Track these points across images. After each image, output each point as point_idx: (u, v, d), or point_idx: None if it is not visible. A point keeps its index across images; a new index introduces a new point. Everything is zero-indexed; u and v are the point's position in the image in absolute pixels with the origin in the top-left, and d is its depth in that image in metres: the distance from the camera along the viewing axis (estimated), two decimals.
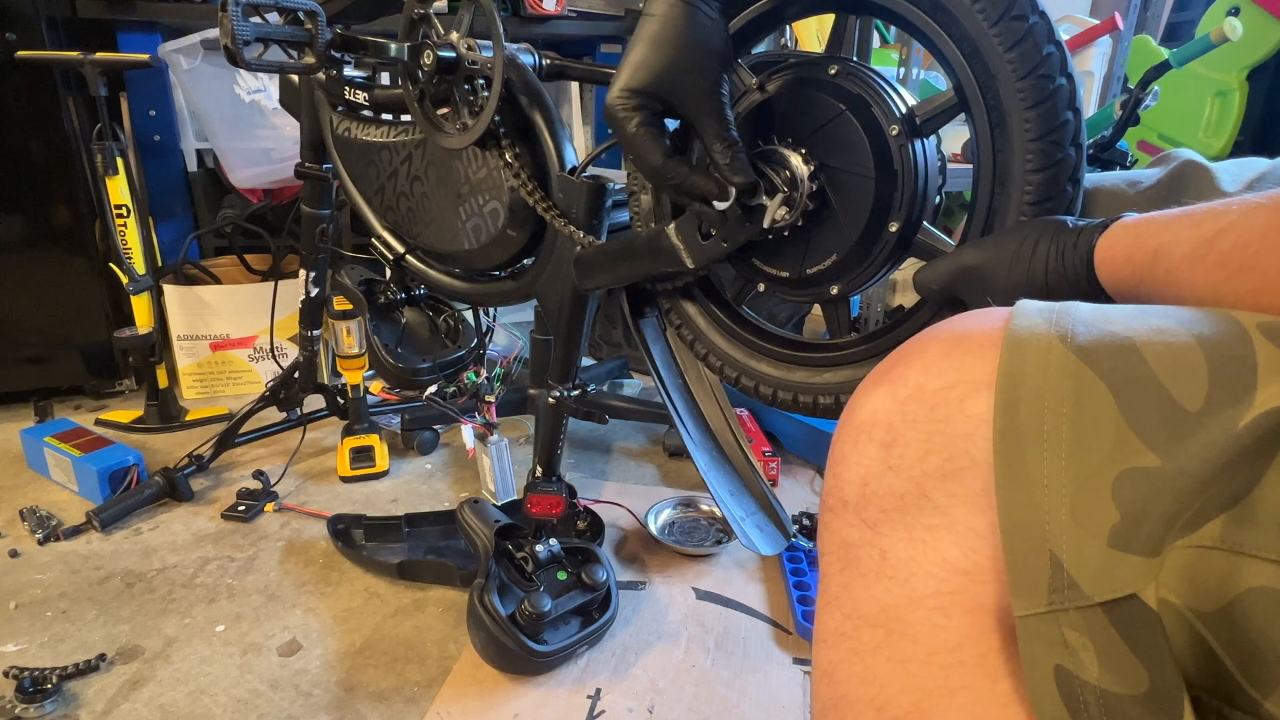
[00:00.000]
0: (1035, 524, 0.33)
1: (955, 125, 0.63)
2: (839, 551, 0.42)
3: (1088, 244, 0.47)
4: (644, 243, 0.77)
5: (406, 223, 1.05)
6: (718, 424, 0.93)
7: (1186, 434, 0.31)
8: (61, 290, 1.68)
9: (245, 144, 1.74)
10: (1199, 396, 0.32)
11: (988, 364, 0.36)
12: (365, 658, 1.02)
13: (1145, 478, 0.32)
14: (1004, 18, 0.54)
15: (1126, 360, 0.34)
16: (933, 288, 0.59)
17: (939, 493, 0.37)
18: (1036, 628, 0.33)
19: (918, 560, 0.38)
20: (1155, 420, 0.32)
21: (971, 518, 0.36)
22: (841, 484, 0.41)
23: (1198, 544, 0.29)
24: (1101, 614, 0.32)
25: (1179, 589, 0.30)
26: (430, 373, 1.21)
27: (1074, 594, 0.32)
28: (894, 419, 0.39)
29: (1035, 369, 0.35)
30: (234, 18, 0.80)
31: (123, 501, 1.32)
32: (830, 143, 0.64)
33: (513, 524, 1.09)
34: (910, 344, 0.41)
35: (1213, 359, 0.32)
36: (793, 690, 0.98)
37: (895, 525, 0.39)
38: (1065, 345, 0.35)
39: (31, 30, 1.52)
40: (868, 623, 0.39)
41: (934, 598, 0.37)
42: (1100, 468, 0.32)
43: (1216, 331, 0.33)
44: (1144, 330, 0.35)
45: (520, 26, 1.95)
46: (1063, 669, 0.33)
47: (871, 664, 0.39)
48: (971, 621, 0.36)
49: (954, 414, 0.37)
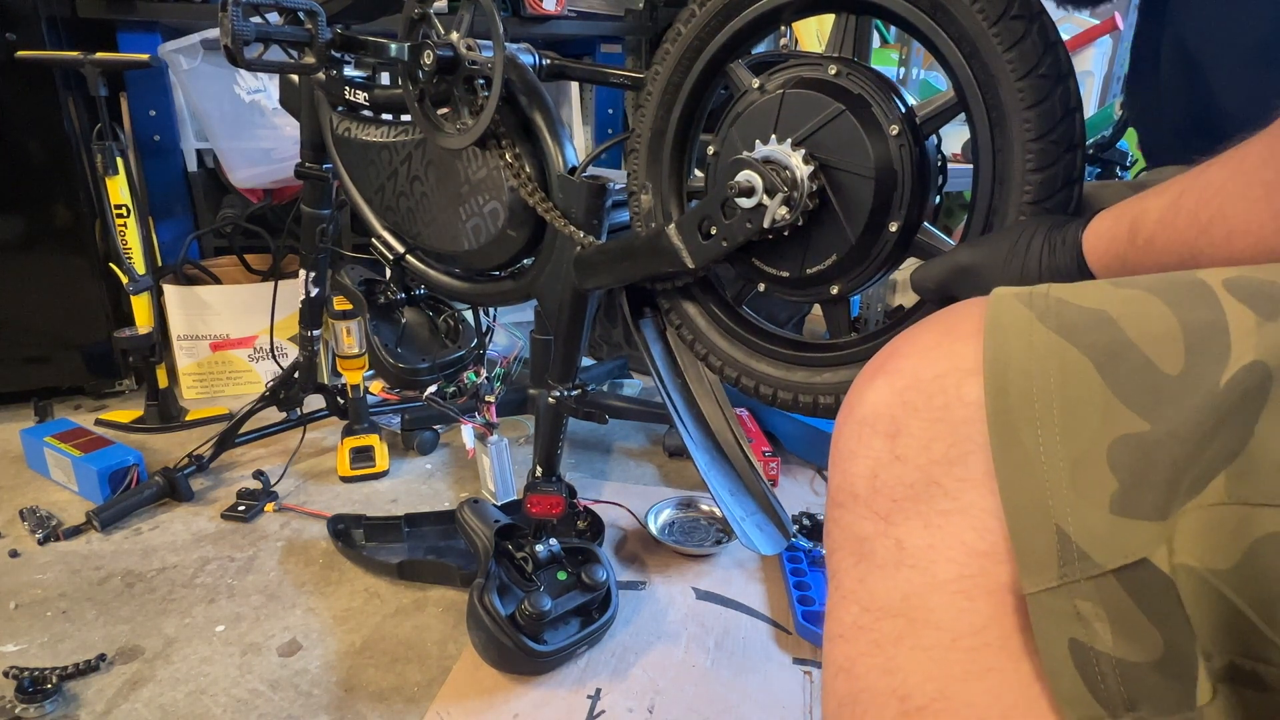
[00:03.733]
0: (1038, 501, 0.34)
1: (955, 125, 0.63)
2: (852, 545, 0.42)
3: (1075, 235, 0.48)
4: (644, 243, 0.77)
5: (406, 223, 1.05)
6: (718, 424, 0.93)
7: (1172, 397, 0.32)
8: (61, 290, 1.68)
9: (245, 144, 1.74)
10: (1178, 360, 0.32)
11: (974, 350, 0.38)
12: (365, 658, 1.02)
13: (1138, 443, 0.32)
14: (1003, 17, 0.55)
15: (1105, 332, 0.35)
16: (929, 287, 0.59)
17: (948, 478, 0.38)
18: (1048, 602, 0.33)
19: (936, 547, 0.38)
20: (1140, 387, 0.33)
21: (983, 500, 0.37)
22: (850, 478, 0.42)
23: (1206, 503, 0.30)
24: (1114, 581, 0.32)
25: (1197, 552, 0.30)
26: (430, 373, 1.21)
27: (1085, 564, 0.33)
28: (895, 409, 0.40)
29: (1019, 351, 0.36)
30: (234, 18, 0.80)
31: (123, 501, 1.32)
32: (830, 142, 0.64)
33: (513, 524, 1.08)
34: (901, 337, 0.42)
35: (1186, 322, 0.33)
36: (793, 690, 0.98)
37: (909, 514, 0.39)
38: (1045, 325, 0.36)
39: (31, 30, 1.52)
40: (888, 613, 0.39)
41: (956, 582, 0.37)
42: (1094, 439, 0.33)
43: (1185, 294, 0.34)
44: (1117, 300, 0.36)
45: (520, 26, 1.95)
46: (1077, 642, 0.33)
47: (894, 654, 0.39)
48: (993, 603, 0.36)
49: (952, 401, 0.38)
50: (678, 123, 0.76)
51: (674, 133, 0.77)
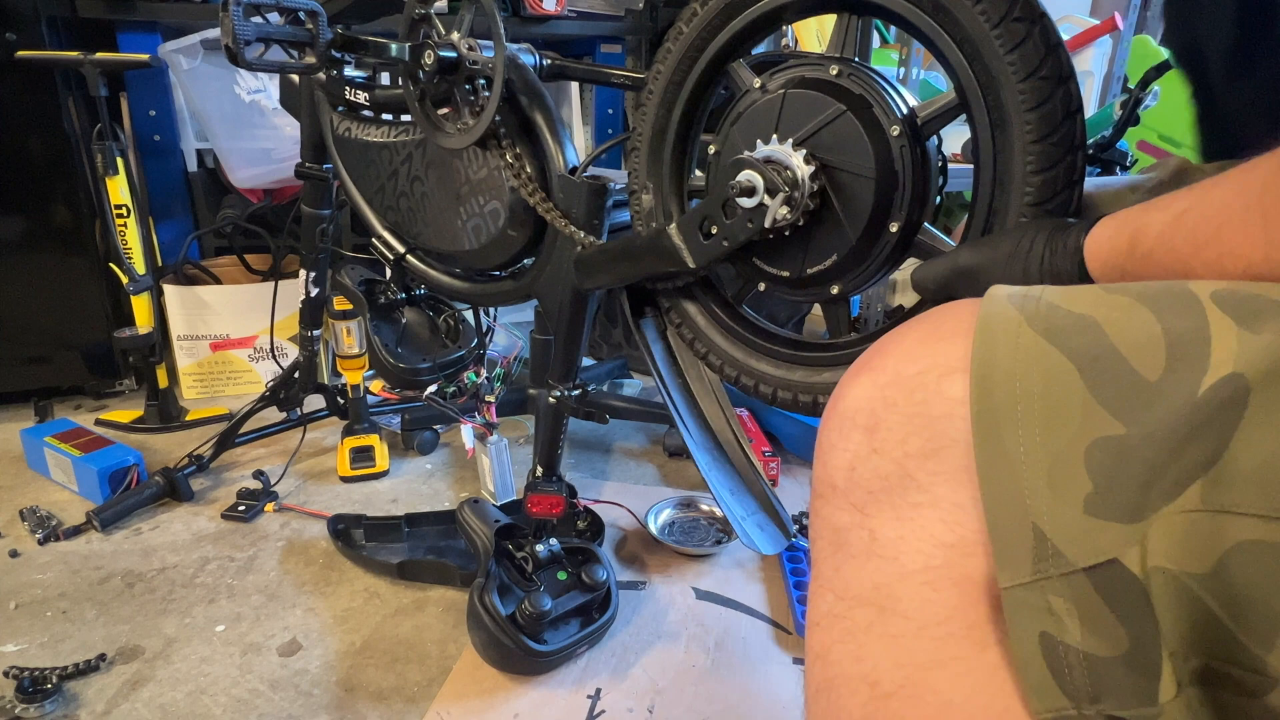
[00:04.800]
0: (1016, 500, 0.35)
1: (956, 125, 0.63)
2: (830, 536, 0.43)
3: (1077, 241, 0.48)
4: (645, 243, 0.77)
5: (407, 223, 1.05)
6: (718, 423, 0.93)
7: (1149, 403, 0.33)
8: (61, 290, 1.68)
9: (245, 144, 1.74)
10: (1158, 366, 0.33)
11: (960, 349, 0.38)
12: (365, 658, 1.02)
13: (1113, 446, 0.33)
14: (1005, 19, 0.55)
15: (1089, 337, 0.35)
16: (930, 287, 0.59)
17: (921, 472, 0.39)
18: (1022, 596, 0.34)
19: (905, 538, 0.39)
20: (1118, 391, 0.34)
21: (954, 493, 0.38)
22: (830, 470, 0.43)
23: (1182, 509, 0.31)
24: (1085, 579, 0.33)
25: (1173, 555, 0.31)
26: (430, 373, 1.21)
27: (1058, 561, 0.33)
28: (875, 404, 0.41)
29: (1006, 352, 0.37)
30: (235, 18, 0.80)
31: (123, 501, 1.32)
32: (831, 143, 0.64)
33: (513, 524, 1.08)
34: (888, 336, 0.43)
35: (1169, 330, 0.34)
36: (793, 690, 0.98)
37: (882, 506, 0.40)
38: (1033, 328, 0.37)
39: (31, 30, 1.52)
40: (860, 602, 0.40)
41: (922, 572, 0.38)
42: (1072, 440, 0.34)
43: (1172, 303, 0.35)
44: (1105, 306, 0.36)
45: (520, 26, 1.95)
46: (1047, 634, 0.34)
47: (864, 642, 0.40)
48: (959, 593, 0.37)
49: (931, 396, 0.39)
50: (679, 122, 0.76)
51: (675, 132, 0.77)
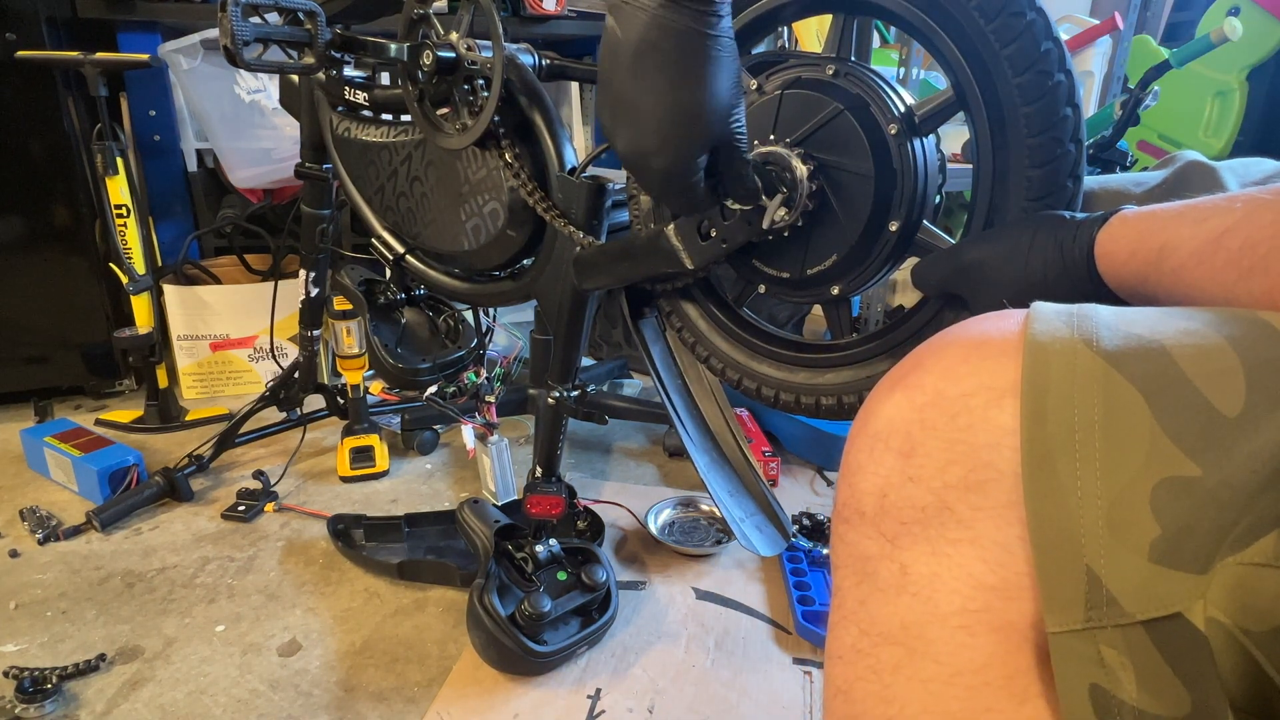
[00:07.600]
0: (1070, 538, 0.32)
1: (955, 125, 0.63)
2: (855, 565, 0.40)
3: (1087, 237, 0.47)
4: (644, 243, 0.77)
5: (406, 223, 1.05)
6: (717, 425, 0.93)
7: (1227, 442, 0.30)
8: (61, 290, 1.68)
9: (245, 144, 1.74)
10: (1237, 401, 0.30)
11: (1009, 370, 0.35)
12: (365, 658, 1.02)
13: (1186, 489, 0.30)
14: (1000, 14, 0.55)
15: (1157, 364, 0.32)
16: (931, 283, 0.59)
17: (963, 505, 0.35)
18: (1071, 644, 0.32)
19: (941, 576, 0.36)
20: (1192, 427, 0.30)
21: (998, 531, 0.34)
22: (858, 495, 0.40)
23: (1249, 561, 0.28)
24: (1143, 632, 0.30)
25: (1228, 608, 0.29)
26: (430, 373, 1.20)
27: (1113, 611, 0.31)
28: (912, 426, 0.37)
29: (1061, 375, 0.33)
30: (234, 18, 0.80)
31: (123, 501, 1.32)
32: (829, 143, 0.64)
33: (513, 524, 1.08)
34: (925, 348, 0.40)
35: (1248, 362, 0.31)
36: (793, 690, 0.98)
37: (916, 539, 0.37)
38: (1091, 349, 0.33)
39: (31, 30, 1.52)
40: (887, 640, 0.38)
41: (959, 615, 0.35)
42: (1136, 478, 0.31)
43: (1248, 333, 0.32)
44: (1172, 332, 0.33)
45: (520, 26, 1.94)
46: (1098, 688, 0.31)
47: (891, 683, 0.37)
48: (998, 640, 0.35)
49: (976, 422, 0.35)
50: None
51: None
